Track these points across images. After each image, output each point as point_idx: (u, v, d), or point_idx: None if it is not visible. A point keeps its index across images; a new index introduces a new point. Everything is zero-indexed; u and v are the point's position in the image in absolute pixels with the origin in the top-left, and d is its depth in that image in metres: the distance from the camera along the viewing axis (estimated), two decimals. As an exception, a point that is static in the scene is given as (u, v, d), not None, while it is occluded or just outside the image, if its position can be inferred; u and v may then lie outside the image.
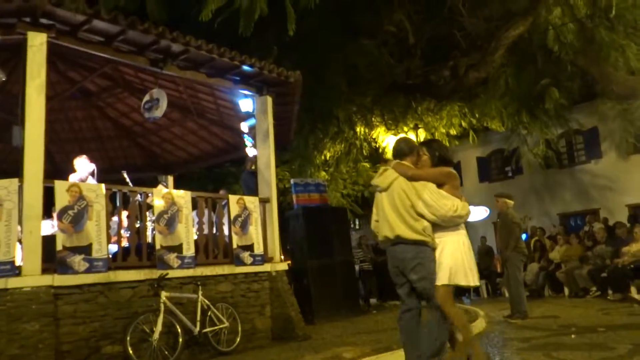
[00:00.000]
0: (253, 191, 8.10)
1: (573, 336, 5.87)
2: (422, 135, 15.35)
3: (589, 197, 17.47)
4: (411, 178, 4.19)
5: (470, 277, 4.13)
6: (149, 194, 6.62)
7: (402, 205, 4.12)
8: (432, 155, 4.38)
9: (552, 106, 12.05)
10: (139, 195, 6.58)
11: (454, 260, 4.11)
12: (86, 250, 5.52)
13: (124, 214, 6.96)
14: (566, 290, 10.74)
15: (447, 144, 15.49)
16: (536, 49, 11.39)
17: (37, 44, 5.51)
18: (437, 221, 4.11)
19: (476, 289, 13.45)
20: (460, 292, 14.31)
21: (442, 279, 4.07)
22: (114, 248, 6.27)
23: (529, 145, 15.29)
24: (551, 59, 11.35)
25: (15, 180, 5.23)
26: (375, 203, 4.42)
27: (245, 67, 7.20)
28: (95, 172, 7.26)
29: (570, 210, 18.06)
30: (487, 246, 14.96)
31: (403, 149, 4.41)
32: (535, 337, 5.82)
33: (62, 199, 5.51)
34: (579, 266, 10.55)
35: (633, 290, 8.77)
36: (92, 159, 7.56)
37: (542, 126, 13.52)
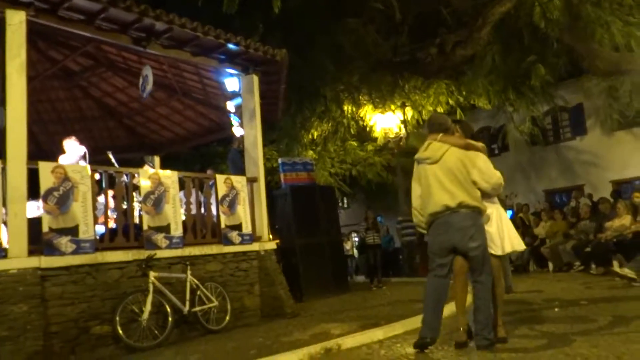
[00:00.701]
0: (241, 169, 8.08)
1: (556, 310, 5.99)
2: (409, 113, 15.36)
3: (574, 173, 17.68)
4: (466, 147, 4.31)
5: (519, 242, 4.54)
6: (135, 175, 6.58)
7: (459, 173, 4.21)
8: (464, 133, 4.55)
9: (538, 83, 12.10)
10: (125, 176, 6.54)
11: (507, 229, 4.43)
12: (73, 231, 5.50)
13: (110, 194, 6.91)
14: (550, 265, 10.92)
15: (434, 122, 15.50)
16: (522, 25, 11.35)
17: (16, 22, 5.38)
18: (487, 189, 4.28)
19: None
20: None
21: (498, 249, 4.33)
22: (101, 229, 6.25)
23: (515, 122, 15.38)
24: (537, 35, 11.33)
25: (-2, 162, 5.16)
26: (419, 178, 4.41)
27: (230, 46, 7.11)
28: (87, 155, 7.13)
29: (556, 186, 18.28)
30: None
31: (444, 123, 4.53)
32: (519, 310, 5.93)
33: (46, 180, 5.46)
34: (563, 241, 10.72)
35: (615, 264, 8.93)
36: (78, 141, 7.46)
37: (528, 103, 13.59)
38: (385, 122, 15.12)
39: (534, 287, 8.42)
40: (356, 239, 22.40)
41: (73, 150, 7.20)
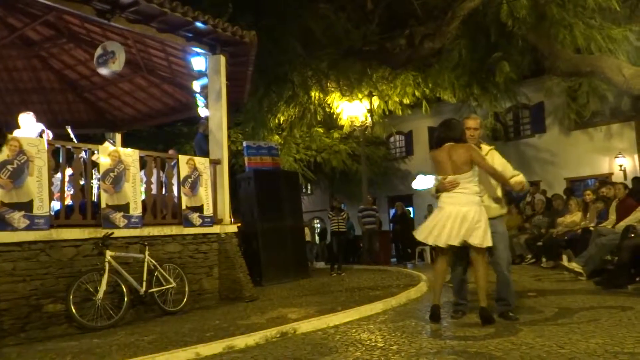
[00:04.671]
0: (206, 154, 7.99)
1: (506, 300, 6.20)
2: (376, 103, 15.47)
3: (531, 169, 18.19)
4: None
5: None
6: (95, 151, 6.42)
7: None
8: None
9: (502, 80, 12.36)
10: (83, 152, 6.37)
11: None
12: (27, 206, 5.34)
13: (68, 170, 6.72)
14: (504, 257, 11.26)
15: (400, 112, 15.73)
16: (490, 22, 11.57)
17: (-29, -14, 5.15)
18: None
19: (421, 255, 13.94)
20: (406, 257, 14.72)
21: None
22: (56, 205, 6.09)
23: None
24: (504, 33, 11.57)
25: (-51, 132, 4.95)
26: None
27: (198, 24, 6.98)
28: (46, 132, 6.80)
29: (513, 182, 18.78)
30: (433, 214, 15.43)
31: None
32: (471, 300, 6.09)
33: None
34: (516, 235, 11.07)
35: (564, 258, 9.30)
36: (35, 113, 7.17)
37: (492, 99, 13.88)
38: (352, 110, 15.19)
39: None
40: (318, 225, 22.50)
41: (29, 126, 6.92)
